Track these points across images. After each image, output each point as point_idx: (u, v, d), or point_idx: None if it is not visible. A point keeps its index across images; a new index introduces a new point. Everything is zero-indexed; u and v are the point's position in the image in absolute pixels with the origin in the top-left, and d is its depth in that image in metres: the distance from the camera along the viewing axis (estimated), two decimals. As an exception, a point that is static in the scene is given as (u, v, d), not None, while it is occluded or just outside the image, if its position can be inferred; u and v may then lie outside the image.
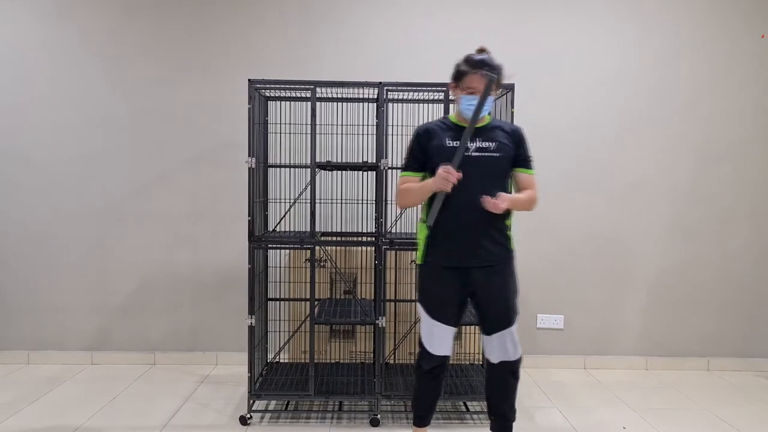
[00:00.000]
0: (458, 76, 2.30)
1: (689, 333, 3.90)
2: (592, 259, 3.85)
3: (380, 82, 2.91)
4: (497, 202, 2.19)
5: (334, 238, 3.39)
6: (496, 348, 2.35)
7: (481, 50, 2.30)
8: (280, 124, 3.46)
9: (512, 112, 2.93)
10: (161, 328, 3.82)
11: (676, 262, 3.87)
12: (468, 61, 2.28)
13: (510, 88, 2.93)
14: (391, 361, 3.46)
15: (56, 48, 3.71)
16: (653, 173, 3.84)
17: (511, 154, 2.34)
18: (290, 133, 3.49)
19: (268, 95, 3.35)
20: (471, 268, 2.30)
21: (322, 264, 3.52)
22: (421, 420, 2.50)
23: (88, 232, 3.78)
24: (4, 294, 3.80)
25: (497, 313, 2.32)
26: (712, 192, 3.86)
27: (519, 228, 3.63)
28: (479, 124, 2.33)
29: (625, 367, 3.88)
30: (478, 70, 2.23)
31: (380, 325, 2.93)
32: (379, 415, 2.95)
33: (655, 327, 3.90)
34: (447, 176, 2.17)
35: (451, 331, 2.36)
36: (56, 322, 3.80)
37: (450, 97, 2.72)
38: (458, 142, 2.28)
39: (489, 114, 2.42)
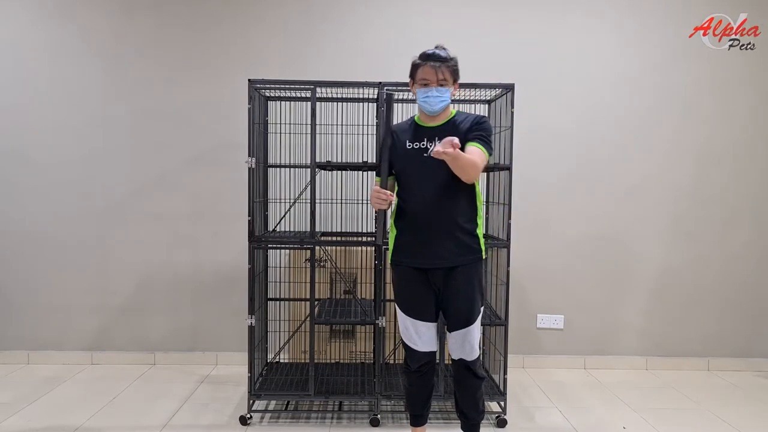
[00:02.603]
0: (412, 71, 2.31)
1: (690, 333, 3.90)
2: (592, 259, 3.85)
3: (380, 82, 2.91)
4: (445, 149, 1.97)
5: (334, 238, 3.39)
6: (455, 345, 2.36)
7: (437, 46, 2.31)
8: (280, 124, 3.46)
9: (512, 112, 2.93)
10: (161, 328, 3.82)
11: (676, 262, 3.87)
12: (420, 55, 2.29)
13: (510, 88, 2.93)
14: (391, 361, 3.46)
15: (56, 48, 3.71)
16: (654, 173, 3.83)
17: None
18: (290, 133, 3.48)
19: (268, 95, 3.35)
20: (435, 269, 2.30)
21: (322, 264, 3.51)
22: (417, 419, 2.51)
23: (88, 232, 3.78)
24: (5, 294, 3.80)
25: (457, 312, 2.33)
26: (713, 192, 3.86)
27: (519, 227, 3.64)
28: (439, 123, 2.31)
29: (625, 367, 3.87)
30: (428, 62, 2.24)
31: (380, 325, 2.93)
32: (379, 415, 2.95)
33: (655, 327, 3.89)
34: (377, 196, 2.20)
35: (429, 326, 2.37)
36: (56, 322, 3.80)
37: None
38: (417, 144, 2.29)
39: (453, 109, 2.38)
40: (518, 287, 3.78)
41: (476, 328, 2.36)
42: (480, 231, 2.35)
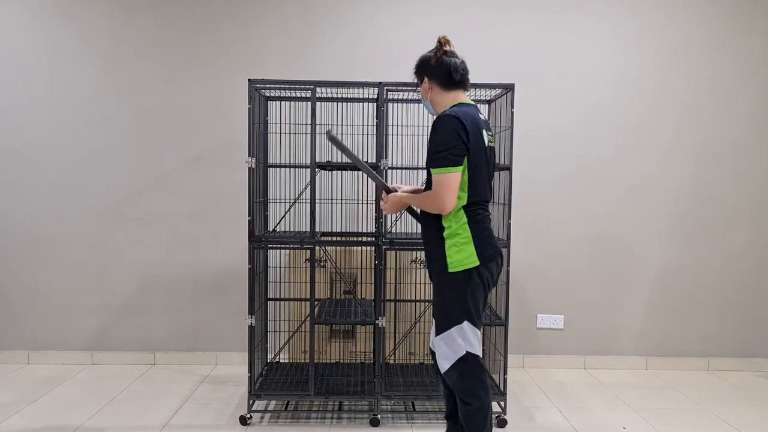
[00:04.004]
0: None
1: (689, 333, 3.90)
2: (592, 259, 3.85)
3: (380, 82, 2.91)
4: (382, 203, 2.40)
5: (334, 238, 3.39)
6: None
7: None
8: (280, 124, 3.46)
9: (512, 112, 2.93)
10: (161, 328, 3.82)
11: (676, 262, 3.87)
12: None
13: (510, 88, 2.93)
14: (391, 361, 3.46)
15: (56, 48, 3.71)
16: (654, 173, 3.84)
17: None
18: (290, 133, 3.49)
19: (268, 95, 3.35)
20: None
21: (322, 264, 3.52)
22: (447, 413, 2.47)
23: (88, 232, 3.78)
24: (5, 294, 3.80)
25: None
26: (713, 192, 3.86)
27: (519, 227, 3.64)
28: None
29: (625, 367, 3.87)
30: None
31: (380, 325, 2.93)
32: (379, 415, 2.95)
33: (655, 327, 3.89)
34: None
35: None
36: (56, 322, 3.80)
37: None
38: None
39: (454, 102, 2.31)
40: (518, 287, 3.79)
41: (444, 340, 2.18)
42: (449, 243, 2.16)
